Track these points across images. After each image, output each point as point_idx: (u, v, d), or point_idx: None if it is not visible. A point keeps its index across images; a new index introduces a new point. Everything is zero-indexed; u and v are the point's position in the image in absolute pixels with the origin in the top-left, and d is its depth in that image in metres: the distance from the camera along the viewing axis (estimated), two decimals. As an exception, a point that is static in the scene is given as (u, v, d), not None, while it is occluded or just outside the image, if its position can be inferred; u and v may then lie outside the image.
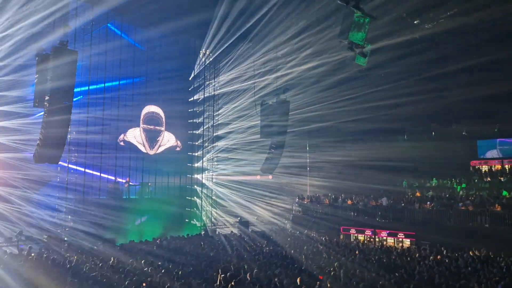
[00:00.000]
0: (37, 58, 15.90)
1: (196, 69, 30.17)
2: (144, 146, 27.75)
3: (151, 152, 27.96)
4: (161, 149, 28.74)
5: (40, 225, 21.17)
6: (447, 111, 25.15)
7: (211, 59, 29.79)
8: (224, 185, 31.30)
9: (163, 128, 28.84)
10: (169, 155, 28.97)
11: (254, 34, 24.53)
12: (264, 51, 25.16)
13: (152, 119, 28.38)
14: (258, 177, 31.26)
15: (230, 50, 27.90)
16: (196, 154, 30.56)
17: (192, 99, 30.55)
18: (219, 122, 30.72)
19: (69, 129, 17.13)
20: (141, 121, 27.80)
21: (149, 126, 28.09)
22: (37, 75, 15.86)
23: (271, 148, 24.03)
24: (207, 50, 29.01)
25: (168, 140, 29.25)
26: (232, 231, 25.08)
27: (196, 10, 21.96)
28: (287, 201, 29.10)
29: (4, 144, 21.28)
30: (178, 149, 29.72)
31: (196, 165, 30.54)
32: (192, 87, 30.53)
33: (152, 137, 28.25)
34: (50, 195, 22.69)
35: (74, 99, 16.69)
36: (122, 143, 26.57)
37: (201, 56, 29.53)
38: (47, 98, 15.54)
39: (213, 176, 30.34)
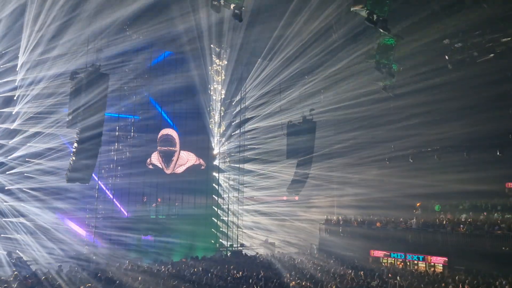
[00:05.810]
0: (70, 81, 16.47)
1: (213, 83, 29.59)
2: (162, 166, 28.03)
3: (168, 171, 28.10)
4: (182, 169, 28.77)
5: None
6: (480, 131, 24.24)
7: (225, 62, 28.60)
8: (250, 206, 31.13)
9: (176, 149, 28.84)
10: (195, 175, 28.98)
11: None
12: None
13: (166, 140, 28.64)
14: (285, 197, 30.96)
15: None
16: (222, 175, 30.55)
17: (213, 120, 30.49)
18: (246, 137, 30.46)
19: (100, 148, 17.49)
20: (157, 144, 28.21)
21: (163, 148, 28.35)
22: (70, 98, 16.39)
23: (298, 169, 23.85)
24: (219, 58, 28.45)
25: (187, 159, 29.22)
26: (257, 252, 24.81)
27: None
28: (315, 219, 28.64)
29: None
30: (202, 167, 29.69)
31: (222, 185, 30.51)
32: (212, 104, 30.24)
33: (167, 157, 28.50)
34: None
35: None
36: (150, 167, 27.05)
37: (214, 57, 28.44)
38: (79, 118, 16.03)
39: (239, 196, 30.21)
